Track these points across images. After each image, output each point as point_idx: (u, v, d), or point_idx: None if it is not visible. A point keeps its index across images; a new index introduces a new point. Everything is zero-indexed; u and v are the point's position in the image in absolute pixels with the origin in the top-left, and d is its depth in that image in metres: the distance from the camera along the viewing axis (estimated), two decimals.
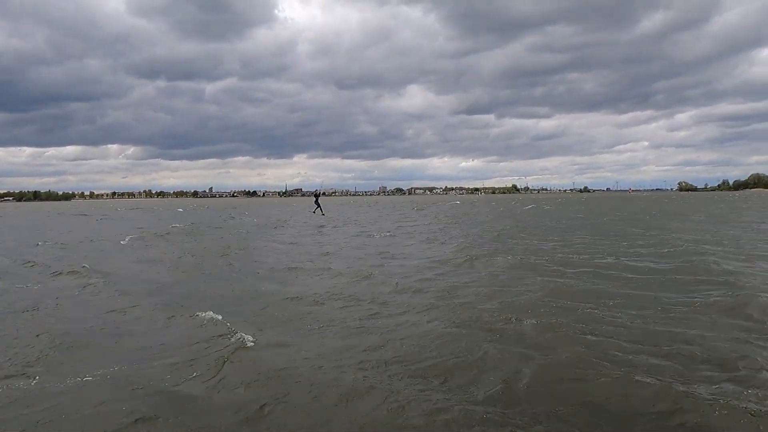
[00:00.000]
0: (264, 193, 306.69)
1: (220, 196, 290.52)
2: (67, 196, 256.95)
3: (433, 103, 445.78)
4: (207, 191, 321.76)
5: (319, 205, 36.87)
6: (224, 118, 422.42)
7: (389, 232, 20.56)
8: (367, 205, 69.55)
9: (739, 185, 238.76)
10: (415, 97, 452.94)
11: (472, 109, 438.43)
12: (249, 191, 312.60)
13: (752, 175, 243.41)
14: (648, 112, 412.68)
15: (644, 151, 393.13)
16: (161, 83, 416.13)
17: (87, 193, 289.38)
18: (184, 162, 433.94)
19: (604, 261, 11.01)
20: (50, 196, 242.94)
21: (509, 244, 15.27)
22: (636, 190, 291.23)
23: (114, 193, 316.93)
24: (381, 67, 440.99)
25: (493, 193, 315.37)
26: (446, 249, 14.08)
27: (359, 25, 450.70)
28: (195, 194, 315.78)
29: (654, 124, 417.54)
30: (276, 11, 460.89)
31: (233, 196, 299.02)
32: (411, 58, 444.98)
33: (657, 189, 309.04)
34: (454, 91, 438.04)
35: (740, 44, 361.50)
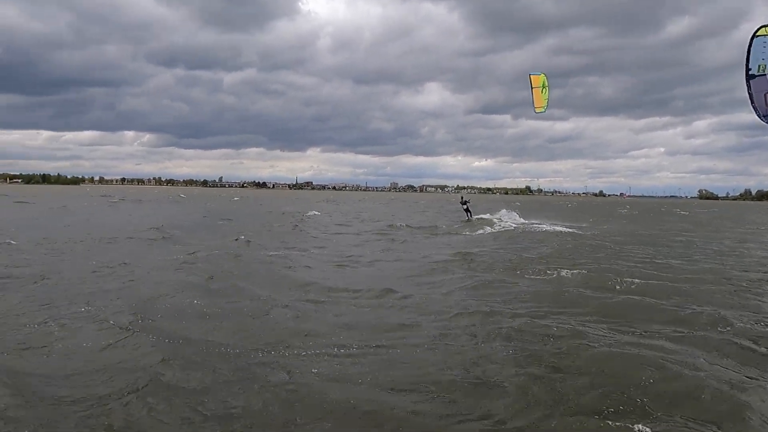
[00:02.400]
0: (274, 185, 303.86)
1: (230, 186, 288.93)
2: (76, 181, 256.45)
3: (449, 101, 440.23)
4: (217, 181, 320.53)
5: (468, 210, 32.01)
6: (240, 109, 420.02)
7: None
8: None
9: (762, 195, 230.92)
10: (432, 95, 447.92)
11: (488, 109, 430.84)
12: (259, 182, 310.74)
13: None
14: (666, 119, 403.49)
15: (659, 157, 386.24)
16: (180, 72, 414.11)
17: (97, 178, 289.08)
18: (198, 151, 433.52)
19: None
20: (59, 180, 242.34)
21: None
22: (631, 196, 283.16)
23: (124, 179, 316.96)
24: (400, 64, 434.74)
25: (506, 193, 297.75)
26: None
27: (380, 20, 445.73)
28: (205, 183, 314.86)
29: (671, 131, 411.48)
30: (300, 4, 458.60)
31: (243, 186, 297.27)
32: (431, 55, 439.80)
33: (672, 196, 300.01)
34: (471, 90, 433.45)
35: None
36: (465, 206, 31.87)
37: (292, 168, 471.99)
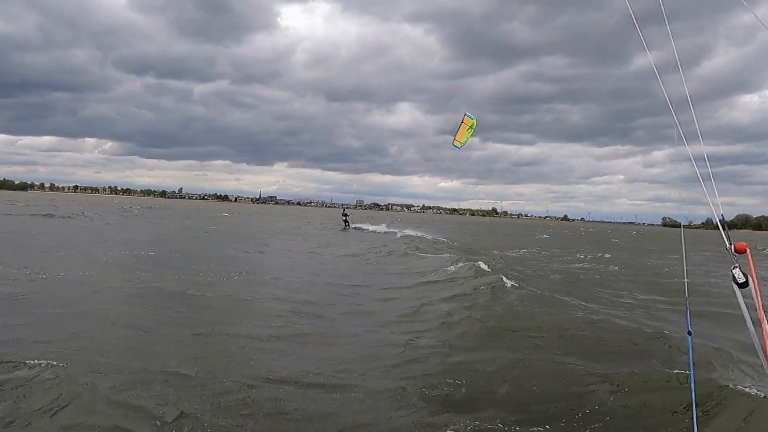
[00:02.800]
0: (236, 198, 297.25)
1: (190, 198, 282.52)
2: (24, 186, 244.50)
3: (420, 121, 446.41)
4: (177, 192, 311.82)
5: (346, 222, 39.60)
6: (209, 121, 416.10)
7: None
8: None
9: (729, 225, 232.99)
10: (404, 115, 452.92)
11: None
12: (221, 195, 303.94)
13: (738, 215, 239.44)
14: (627, 147, 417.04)
15: (619, 184, 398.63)
16: (150, 80, 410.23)
17: (47, 185, 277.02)
18: (162, 161, 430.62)
19: None
20: (4, 185, 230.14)
21: None
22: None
23: (77, 187, 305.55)
24: (374, 82, 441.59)
25: (473, 215, 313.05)
26: None
27: (358, 38, 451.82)
28: (163, 194, 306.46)
29: (632, 159, 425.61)
30: (278, 19, 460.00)
31: (204, 198, 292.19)
32: (405, 75, 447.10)
33: (629, 222, 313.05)
34: (442, 111, 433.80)
35: (724, 89, 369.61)
36: (345, 218, 39.66)
37: (257, 182, 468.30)
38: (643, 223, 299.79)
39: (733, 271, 2.21)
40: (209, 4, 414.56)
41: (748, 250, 2.18)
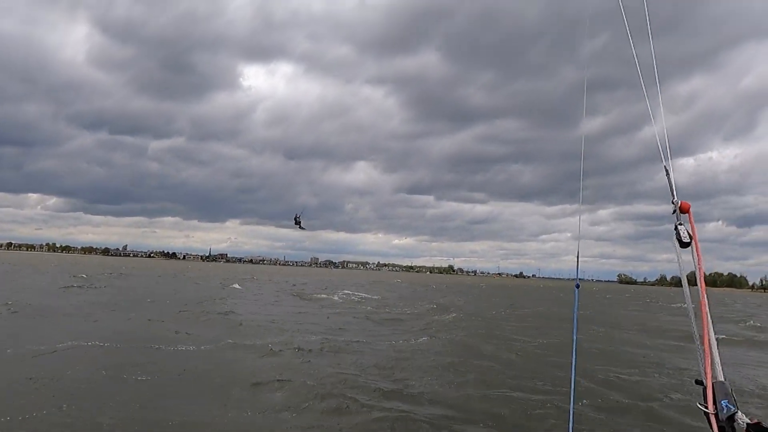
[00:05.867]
0: (185, 256, 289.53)
1: (135, 256, 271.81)
2: None
3: (376, 180, 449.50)
4: (120, 249, 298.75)
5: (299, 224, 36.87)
6: (162, 177, 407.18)
7: None
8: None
9: (679, 282, 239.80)
10: (361, 173, 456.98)
11: (414, 189, 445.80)
12: (168, 253, 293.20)
13: (691, 272, 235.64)
14: (575, 206, 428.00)
15: (566, 241, 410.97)
16: (103, 136, 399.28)
17: None
18: (109, 218, 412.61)
19: None
20: None
21: None
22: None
23: (10, 244, 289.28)
24: (333, 141, 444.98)
25: (430, 272, 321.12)
26: None
27: (319, 99, 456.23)
28: (106, 252, 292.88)
29: (578, 217, 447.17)
30: (241, 79, 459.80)
31: (150, 256, 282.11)
32: (364, 135, 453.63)
33: (574, 278, 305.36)
34: (399, 170, 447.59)
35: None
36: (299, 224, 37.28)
37: (208, 239, 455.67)
38: (592, 279, 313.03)
39: (679, 228, 2.10)
40: (173, 64, 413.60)
41: (690, 210, 2.14)
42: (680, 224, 2.10)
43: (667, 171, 2.21)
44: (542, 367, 11.68)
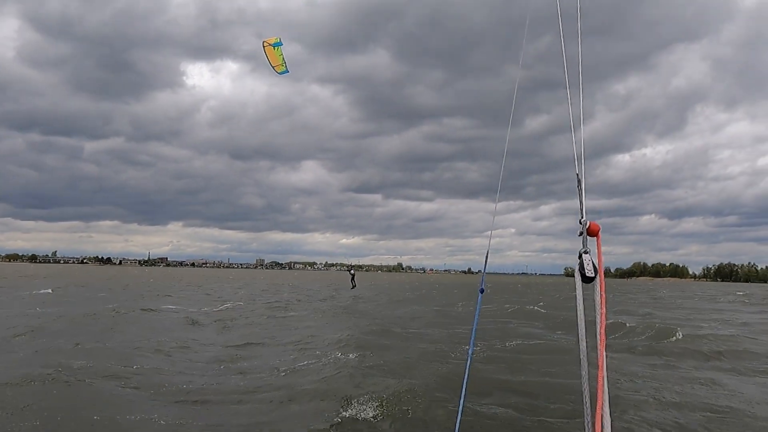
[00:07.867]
0: (121, 261, 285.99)
1: (66, 262, 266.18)
2: None
3: (324, 179, 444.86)
4: (50, 256, 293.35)
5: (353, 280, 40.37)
6: (99, 179, 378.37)
7: None
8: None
9: (624, 273, 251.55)
10: (308, 173, 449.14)
11: (362, 188, 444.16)
12: (102, 258, 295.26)
13: (635, 263, 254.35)
14: (518, 202, 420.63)
15: (510, 237, 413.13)
16: (34, 137, 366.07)
17: None
18: (41, 223, 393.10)
19: None
20: None
21: None
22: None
23: None
24: (281, 141, 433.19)
25: (379, 271, 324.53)
26: None
27: (265, 98, 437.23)
28: (33, 258, 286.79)
29: (522, 213, 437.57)
30: (184, 78, 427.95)
31: (83, 262, 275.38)
32: (312, 135, 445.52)
33: (522, 273, 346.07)
34: (347, 169, 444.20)
35: (603, 149, 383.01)
36: (352, 274, 40.78)
37: (148, 243, 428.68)
38: (535, 274, 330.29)
39: (584, 257, 1.59)
40: (112, 62, 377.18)
41: (600, 234, 1.66)
42: (585, 252, 1.64)
43: (579, 181, 1.81)
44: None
